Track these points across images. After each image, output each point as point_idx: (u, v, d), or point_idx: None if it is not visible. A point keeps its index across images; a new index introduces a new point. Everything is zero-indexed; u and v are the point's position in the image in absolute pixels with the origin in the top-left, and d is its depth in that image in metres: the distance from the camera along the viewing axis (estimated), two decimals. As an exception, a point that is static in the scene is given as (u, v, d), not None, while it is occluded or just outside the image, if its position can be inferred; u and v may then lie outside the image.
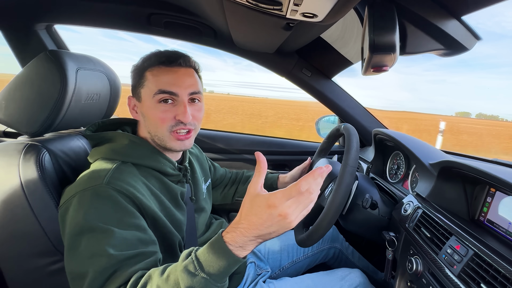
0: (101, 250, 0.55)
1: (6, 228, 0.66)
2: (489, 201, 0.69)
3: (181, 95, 0.71)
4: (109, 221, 0.58)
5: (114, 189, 0.61)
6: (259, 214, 0.50)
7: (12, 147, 0.67)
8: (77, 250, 0.57)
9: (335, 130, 1.04)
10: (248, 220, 0.51)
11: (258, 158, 0.54)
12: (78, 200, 0.60)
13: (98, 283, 0.54)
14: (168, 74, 0.71)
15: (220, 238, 0.52)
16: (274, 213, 0.50)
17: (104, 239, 0.56)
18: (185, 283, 0.50)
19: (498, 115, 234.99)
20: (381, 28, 0.51)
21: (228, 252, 0.51)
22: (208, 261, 0.51)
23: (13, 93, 0.73)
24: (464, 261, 0.59)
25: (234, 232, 0.52)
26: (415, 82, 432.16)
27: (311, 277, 0.94)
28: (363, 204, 0.86)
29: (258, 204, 0.51)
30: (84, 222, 0.57)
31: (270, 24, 0.81)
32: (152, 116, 0.71)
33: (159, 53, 0.74)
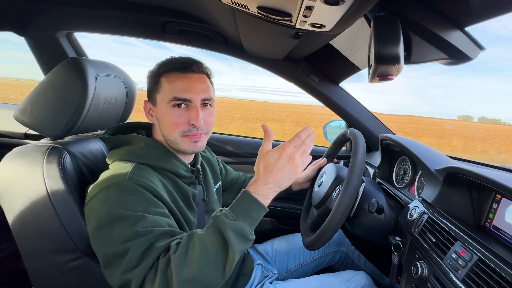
0: (135, 231, 0.59)
1: (30, 225, 0.70)
2: (495, 208, 0.70)
3: (194, 100, 0.75)
4: (138, 209, 0.63)
5: (137, 183, 0.65)
6: (274, 161, 0.66)
7: (36, 149, 0.72)
8: (112, 237, 0.60)
9: (341, 135, 1.06)
10: (266, 171, 0.66)
11: (265, 128, 0.71)
12: (104, 195, 0.64)
13: (137, 256, 0.58)
14: (182, 80, 0.75)
15: (246, 191, 0.65)
16: (285, 156, 0.66)
17: (137, 223, 0.60)
18: (226, 227, 0.59)
19: (500, 118, 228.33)
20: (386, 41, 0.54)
21: (254, 200, 0.63)
22: (240, 210, 0.63)
23: (37, 98, 0.77)
24: (468, 266, 0.60)
25: (256, 183, 0.66)
26: (422, 85, 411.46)
27: (316, 279, 0.96)
28: (369, 209, 0.87)
29: (271, 155, 0.67)
30: (114, 213, 0.61)
31: (280, 33, 0.84)
32: (166, 120, 0.75)
33: (174, 59, 0.78)
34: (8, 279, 1.19)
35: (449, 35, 0.60)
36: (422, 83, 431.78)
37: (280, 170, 0.65)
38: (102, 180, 0.68)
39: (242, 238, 0.60)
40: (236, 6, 0.67)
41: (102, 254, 0.62)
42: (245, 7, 0.66)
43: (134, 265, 0.58)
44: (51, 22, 1.18)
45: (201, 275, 0.56)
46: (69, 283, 0.71)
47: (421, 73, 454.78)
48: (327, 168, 1.04)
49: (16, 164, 0.71)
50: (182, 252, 0.57)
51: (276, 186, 0.66)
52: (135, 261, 0.58)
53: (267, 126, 0.70)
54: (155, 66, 0.79)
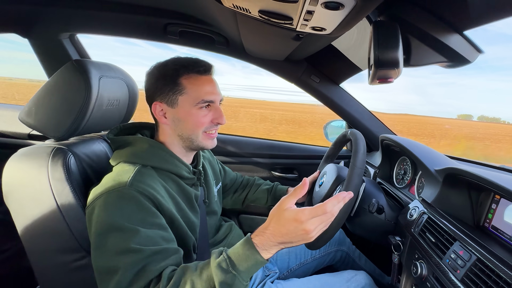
0: (128, 247, 0.60)
1: (36, 225, 0.71)
2: (494, 208, 0.70)
3: (216, 101, 0.81)
4: (134, 220, 0.63)
5: (137, 190, 0.66)
6: (286, 225, 0.58)
7: (41, 150, 0.73)
8: (105, 248, 0.61)
9: (342, 136, 1.07)
10: (275, 228, 0.59)
11: (303, 182, 0.63)
12: (104, 201, 0.65)
13: (128, 277, 0.58)
14: (206, 83, 0.79)
15: (250, 240, 0.60)
16: (299, 227, 0.58)
17: (130, 237, 0.61)
18: (218, 278, 0.56)
19: (500, 117, 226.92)
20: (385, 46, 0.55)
21: (256, 253, 0.59)
22: (239, 260, 0.58)
23: (42, 99, 0.78)
24: (467, 266, 0.61)
25: (262, 236, 0.60)
26: (424, 85, 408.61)
27: (318, 278, 0.97)
28: (370, 209, 0.88)
29: (286, 217, 0.59)
30: (111, 222, 0.62)
31: (281, 35, 0.85)
32: (191, 121, 0.78)
33: (191, 61, 0.78)
34: (14, 278, 1.21)
35: (448, 39, 0.61)
36: (425, 82, 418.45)
37: (288, 235, 0.59)
38: (104, 184, 0.68)
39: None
40: (238, 10, 0.68)
41: (95, 264, 0.63)
42: (247, 10, 0.66)
43: (124, 287, 0.58)
44: (54, 24, 1.19)
45: None
46: (74, 282, 0.72)
47: (424, 72, 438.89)
48: (327, 169, 1.05)
49: (21, 165, 0.72)
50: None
51: (281, 245, 0.61)
52: (125, 284, 0.58)
53: (307, 182, 0.64)
54: (166, 67, 0.77)
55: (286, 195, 0.63)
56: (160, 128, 0.82)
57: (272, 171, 1.57)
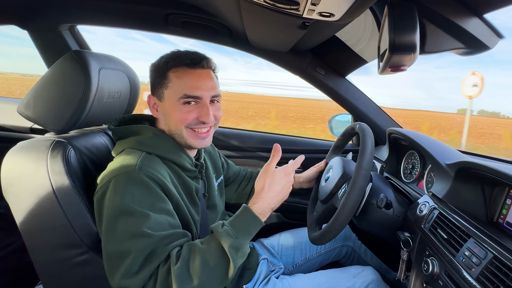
0: (139, 231, 0.60)
1: (36, 220, 0.69)
2: (508, 203, 0.68)
3: (204, 98, 0.75)
4: (144, 204, 0.63)
5: (146, 175, 0.65)
6: (279, 181, 0.72)
7: (40, 144, 0.71)
8: (115, 232, 0.61)
9: (350, 128, 1.04)
10: (271, 189, 0.71)
11: (275, 148, 0.76)
12: (114, 185, 0.64)
13: (138, 262, 0.59)
14: (192, 77, 0.74)
15: (248, 208, 0.68)
16: (287, 179, 0.74)
17: (141, 222, 0.61)
18: (227, 243, 0.62)
19: (499, 111, 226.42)
20: (402, 28, 0.51)
21: (255, 218, 0.68)
22: (241, 228, 0.66)
23: (40, 92, 0.76)
24: (483, 264, 0.58)
25: (260, 201, 0.70)
26: (427, 79, 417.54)
27: (324, 274, 0.95)
28: (378, 204, 0.86)
29: (278, 176, 0.73)
30: (121, 205, 0.61)
31: (286, 23, 0.82)
32: (174, 116, 0.74)
33: (182, 54, 0.76)
34: (16, 273, 1.21)
35: (466, 23, 0.57)
36: (428, 77, 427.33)
37: (282, 190, 0.72)
38: (112, 170, 0.67)
39: (241, 253, 0.64)
40: (242, -5, 0.65)
41: (106, 249, 0.63)
42: None
43: (134, 271, 0.59)
44: (54, 15, 1.17)
45: (201, 287, 0.60)
46: (75, 277, 0.71)
47: (427, 67, 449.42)
48: (334, 162, 1.02)
49: (20, 158, 0.70)
50: (183, 264, 0.60)
51: (275, 205, 0.71)
52: (136, 268, 0.59)
53: (279, 146, 0.76)
54: (161, 60, 0.77)
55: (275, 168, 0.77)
56: (157, 121, 0.82)
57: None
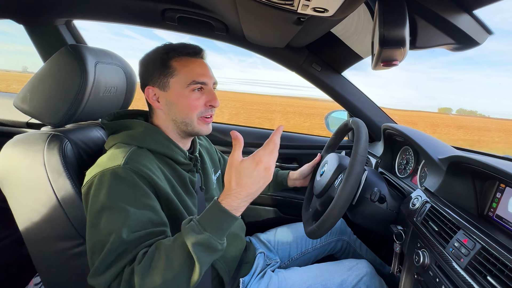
0: (117, 229, 0.59)
1: (32, 213, 0.70)
2: (498, 197, 0.69)
3: (209, 84, 0.79)
4: (126, 200, 0.63)
5: (132, 170, 0.65)
6: (249, 174, 0.60)
7: (36, 137, 0.71)
8: (98, 227, 0.61)
9: (343, 125, 1.05)
10: (240, 184, 0.60)
11: (234, 135, 0.64)
12: (99, 180, 0.64)
13: (108, 261, 0.59)
14: (198, 65, 0.78)
15: (218, 203, 0.61)
16: (261, 168, 0.60)
17: (121, 218, 0.61)
18: (191, 240, 0.57)
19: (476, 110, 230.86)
20: (391, 23, 0.52)
21: (227, 213, 0.60)
22: (209, 222, 0.59)
23: (37, 85, 0.77)
24: (471, 254, 0.60)
25: (229, 198, 0.61)
26: (421, 79, 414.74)
27: (319, 267, 0.96)
28: (372, 198, 0.87)
29: (247, 167, 0.60)
30: (104, 200, 0.62)
31: (281, 19, 0.82)
32: (183, 103, 0.77)
33: (183, 45, 0.79)
34: (14, 265, 1.21)
35: (456, 19, 0.58)
36: (421, 77, 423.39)
37: (254, 182, 0.60)
38: (98, 165, 0.68)
39: (209, 250, 0.58)
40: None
41: (88, 241, 0.63)
42: None
43: (102, 270, 0.58)
44: (50, 9, 1.16)
45: (165, 286, 0.56)
46: (73, 269, 0.72)
47: (421, 67, 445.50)
48: (329, 158, 1.03)
49: (16, 152, 0.71)
50: (146, 263, 0.57)
51: (249, 198, 0.62)
52: (104, 267, 0.58)
53: (237, 132, 0.64)
54: (157, 52, 0.79)
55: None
56: (154, 114, 0.82)
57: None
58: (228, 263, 0.88)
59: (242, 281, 0.90)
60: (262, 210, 1.52)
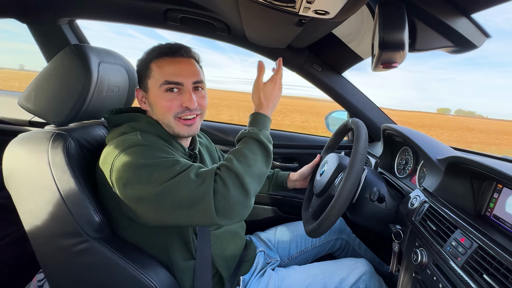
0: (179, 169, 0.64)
1: (37, 210, 0.71)
2: (496, 197, 0.70)
3: (186, 84, 0.77)
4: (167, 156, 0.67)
5: (152, 141, 0.69)
6: (271, 91, 0.83)
7: (41, 135, 0.72)
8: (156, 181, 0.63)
9: (343, 126, 1.06)
10: (267, 98, 0.82)
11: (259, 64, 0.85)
12: (127, 154, 0.66)
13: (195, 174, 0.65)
14: (172, 64, 0.77)
15: (258, 113, 0.81)
16: (277, 87, 0.84)
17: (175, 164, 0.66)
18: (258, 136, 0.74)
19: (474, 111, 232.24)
20: (391, 27, 0.53)
21: (266, 116, 0.81)
22: (260, 125, 0.78)
23: (41, 85, 0.78)
24: (468, 253, 0.61)
25: (262, 108, 0.81)
26: (422, 80, 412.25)
27: (318, 266, 0.97)
28: (371, 197, 0.88)
29: (268, 87, 0.83)
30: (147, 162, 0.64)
31: (283, 21, 0.83)
32: (159, 105, 0.77)
33: (162, 45, 0.79)
34: (18, 262, 1.22)
35: (454, 22, 0.59)
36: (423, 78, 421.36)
37: (276, 96, 0.84)
38: (112, 149, 0.69)
39: (268, 141, 0.76)
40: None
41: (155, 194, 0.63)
42: None
43: (198, 182, 0.63)
44: (53, 9, 1.17)
45: (255, 168, 0.70)
46: (76, 265, 0.73)
47: (422, 67, 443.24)
48: (329, 158, 1.04)
49: (21, 150, 0.72)
50: (234, 160, 0.68)
51: (274, 107, 0.84)
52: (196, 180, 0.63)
53: (262, 61, 0.86)
54: (144, 54, 0.81)
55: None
56: (148, 114, 0.84)
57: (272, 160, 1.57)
58: (227, 261, 0.89)
59: (242, 279, 0.91)
60: (262, 210, 1.52)
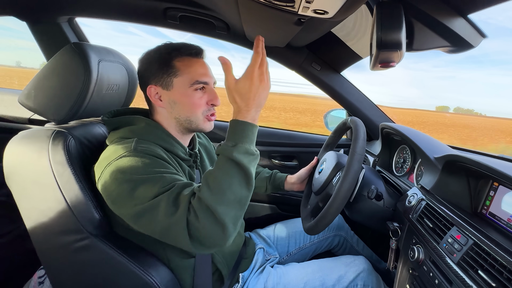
0: (158, 190, 0.63)
1: (38, 207, 0.72)
2: (492, 195, 0.71)
3: (210, 83, 0.82)
4: (154, 171, 0.66)
5: (143, 152, 0.68)
6: (247, 89, 0.65)
7: (41, 133, 0.73)
8: (138, 199, 0.63)
9: (342, 124, 1.07)
10: (244, 99, 0.66)
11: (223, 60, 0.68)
12: (115, 166, 0.66)
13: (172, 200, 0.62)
14: (200, 65, 0.81)
15: (235, 120, 0.67)
16: (256, 81, 0.65)
17: (159, 183, 0.64)
18: (229, 154, 0.63)
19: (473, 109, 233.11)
20: (388, 27, 0.54)
21: (245, 123, 0.66)
22: (235, 136, 0.65)
23: (41, 83, 0.78)
24: (463, 250, 0.62)
25: (241, 113, 0.67)
26: (424, 78, 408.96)
27: (316, 263, 0.98)
28: (369, 195, 0.89)
29: (242, 85, 0.66)
30: (133, 177, 0.64)
31: (282, 20, 0.84)
32: (187, 102, 0.79)
33: (185, 45, 0.81)
34: (18, 259, 1.23)
35: (451, 22, 0.60)
36: (425, 76, 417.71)
37: (256, 94, 0.66)
38: (107, 156, 0.69)
39: (248, 155, 0.64)
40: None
41: (132, 213, 0.64)
42: None
43: (172, 211, 0.61)
44: (53, 7, 1.17)
45: (231, 196, 0.61)
46: (77, 262, 0.73)
47: (424, 66, 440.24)
48: (327, 156, 1.05)
49: (22, 147, 0.72)
50: (206, 187, 0.62)
51: (258, 107, 0.68)
52: (172, 208, 0.61)
53: (224, 57, 0.68)
54: (159, 51, 0.80)
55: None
56: (155, 111, 0.83)
57: (271, 159, 1.57)
58: (226, 258, 0.90)
59: (241, 276, 0.92)
60: (261, 207, 1.53)
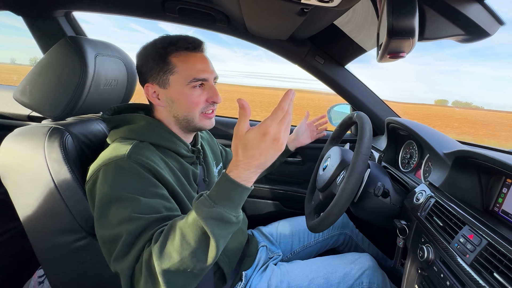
0: (129, 216, 0.59)
1: (34, 206, 0.70)
2: (505, 192, 0.68)
3: (209, 79, 0.77)
4: (134, 190, 0.62)
5: (135, 162, 0.65)
6: (256, 145, 0.55)
7: (37, 130, 0.71)
8: (107, 218, 0.61)
9: (348, 118, 1.04)
10: (247, 156, 0.55)
11: (241, 103, 0.57)
12: (103, 173, 0.64)
13: (127, 244, 0.58)
14: (198, 61, 0.76)
15: (226, 175, 0.57)
16: (268, 139, 0.54)
17: (131, 207, 0.60)
18: (202, 215, 0.53)
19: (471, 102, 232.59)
20: (400, 12, 0.50)
21: (236, 184, 0.55)
22: (219, 195, 0.55)
23: (36, 78, 0.76)
24: (477, 250, 0.59)
25: (237, 169, 0.56)
26: (427, 72, 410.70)
27: (321, 260, 0.97)
28: (375, 192, 0.87)
29: (252, 138, 0.55)
30: (111, 193, 0.61)
31: (285, 10, 0.81)
32: (185, 101, 0.75)
33: (181, 39, 0.76)
34: (18, 258, 1.22)
35: (466, 8, 0.56)
36: (428, 69, 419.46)
37: (263, 153, 0.55)
38: (101, 158, 0.67)
39: (223, 223, 0.55)
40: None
41: (99, 235, 0.63)
42: None
43: (123, 254, 0.58)
44: (49, 1, 1.14)
45: (183, 264, 0.54)
46: (75, 261, 0.72)
47: (427, 59, 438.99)
48: (332, 152, 1.02)
49: (17, 145, 0.70)
50: (162, 242, 0.55)
51: (259, 168, 0.57)
52: (125, 250, 0.58)
53: (244, 100, 0.57)
54: (155, 46, 0.76)
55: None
56: (155, 109, 0.81)
57: None
58: (229, 256, 0.88)
59: (244, 274, 0.90)
60: (264, 204, 1.52)
